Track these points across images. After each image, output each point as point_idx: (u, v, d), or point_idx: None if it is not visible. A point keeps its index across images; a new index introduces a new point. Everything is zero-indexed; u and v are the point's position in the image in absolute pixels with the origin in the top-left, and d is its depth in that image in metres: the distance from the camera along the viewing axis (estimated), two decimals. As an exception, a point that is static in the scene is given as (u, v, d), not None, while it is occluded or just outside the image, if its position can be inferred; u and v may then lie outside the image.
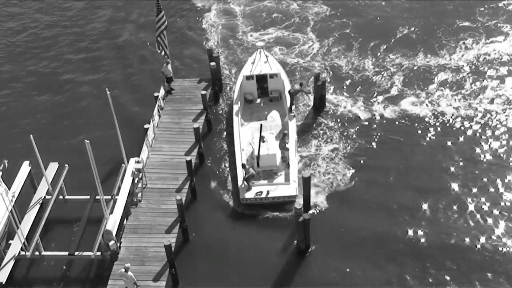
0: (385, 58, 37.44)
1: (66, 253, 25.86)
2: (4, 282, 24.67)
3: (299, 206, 25.60)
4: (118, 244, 25.67)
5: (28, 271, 26.52)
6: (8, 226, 26.17)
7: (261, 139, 30.08)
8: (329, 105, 33.96)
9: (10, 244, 25.82)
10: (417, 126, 32.33)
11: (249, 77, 33.26)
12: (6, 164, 27.83)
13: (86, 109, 35.41)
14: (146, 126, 30.60)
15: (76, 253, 25.70)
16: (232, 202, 28.74)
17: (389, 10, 42.12)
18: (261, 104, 33.76)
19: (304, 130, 32.40)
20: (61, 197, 28.51)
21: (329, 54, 38.14)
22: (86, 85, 37.42)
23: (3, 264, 25.23)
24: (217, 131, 33.00)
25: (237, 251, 26.65)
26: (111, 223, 25.15)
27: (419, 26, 40.15)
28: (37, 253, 25.78)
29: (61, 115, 35.15)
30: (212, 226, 27.90)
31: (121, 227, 26.50)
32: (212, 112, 33.71)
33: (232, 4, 44.16)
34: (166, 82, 34.19)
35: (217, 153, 31.64)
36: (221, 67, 36.35)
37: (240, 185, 28.50)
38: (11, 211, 25.36)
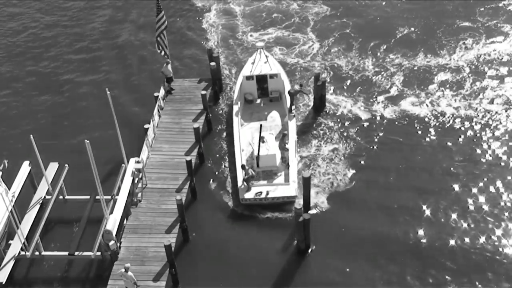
0: (385, 58, 37.43)
1: (66, 253, 25.86)
2: (4, 282, 24.67)
3: (299, 206, 25.60)
4: (118, 244, 25.67)
5: (28, 271, 26.51)
6: (8, 226, 26.16)
7: (261, 140, 30.07)
8: (329, 105, 33.95)
9: (10, 244, 25.83)
10: (417, 126, 32.34)
11: (249, 77, 33.24)
12: (6, 164, 27.83)
13: (86, 109, 35.40)
14: (146, 126, 30.60)
15: (76, 253, 25.70)
16: (232, 203, 28.75)
17: (389, 10, 42.12)
18: (261, 105, 33.74)
19: (304, 130, 32.39)
20: (61, 197, 28.51)
21: (329, 54, 38.13)
22: (86, 85, 37.41)
23: (3, 264, 25.23)
24: (217, 131, 33.00)
25: (237, 251, 26.65)
26: (111, 223, 25.15)
27: (419, 26, 40.14)
28: (37, 253, 25.77)
29: (61, 115, 35.15)
30: (212, 226, 27.89)
31: (121, 227, 26.50)
32: (212, 112, 33.70)
33: (232, 4, 44.15)
34: (166, 82, 34.19)
35: (217, 153, 31.64)
36: (221, 67, 36.35)
37: (240, 186, 28.50)
38: (11, 211, 25.36)
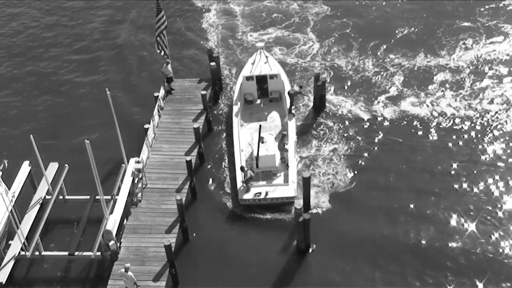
0: (385, 59, 37.43)
1: (66, 253, 25.85)
2: (4, 282, 24.66)
3: (299, 206, 25.61)
4: (118, 244, 25.66)
5: (28, 271, 26.50)
6: (8, 226, 26.15)
7: (260, 140, 30.05)
8: (329, 106, 33.94)
9: (10, 244, 25.82)
10: (418, 127, 32.31)
11: (249, 78, 33.22)
12: (6, 164, 27.82)
13: (86, 109, 35.38)
14: (146, 126, 30.60)
15: (76, 253, 25.70)
16: (231, 203, 28.72)
17: (389, 10, 42.12)
18: (261, 105, 33.72)
19: (304, 131, 32.38)
20: (61, 197, 28.49)
21: (329, 54, 38.12)
22: (86, 85, 37.40)
23: (3, 264, 25.22)
24: (217, 131, 33.00)
25: (237, 251, 26.64)
26: (111, 223, 25.14)
27: (419, 26, 40.15)
28: (37, 253, 25.76)
29: (61, 115, 35.15)
30: (212, 226, 27.89)
31: (121, 227, 26.49)
32: (212, 112, 33.69)
33: (232, 4, 44.16)
34: (166, 82, 34.18)
35: (217, 153, 31.63)
36: (221, 67, 36.33)
37: (239, 187, 28.48)
38: (11, 211, 25.35)
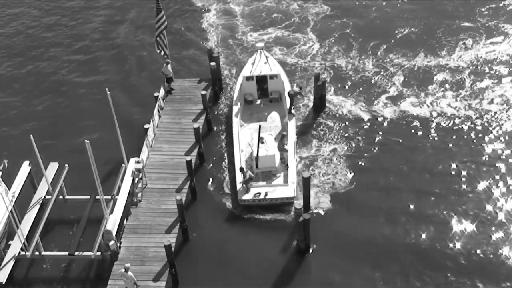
0: (385, 59, 37.42)
1: (66, 253, 25.85)
2: (4, 282, 24.66)
3: (299, 206, 25.61)
4: (118, 244, 25.66)
5: (28, 271, 26.50)
6: (8, 226, 26.15)
7: (260, 140, 30.03)
8: (329, 106, 33.94)
9: (10, 244, 25.82)
10: (418, 127, 32.29)
11: (249, 78, 33.22)
12: (6, 164, 27.82)
13: (86, 109, 35.37)
14: (146, 126, 30.60)
15: (76, 253, 25.70)
16: (231, 203, 28.70)
17: (389, 11, 42.12)
18: (261, 105, 33.72)
19: (304, 131, 32.37)
20: (61, 197, 28.49)
21: (329, 54, 38.12)
22: (86, 86, 37.39)
23: (3, 264, 25.23)
24: (217, 131, 33.00)
25: (237, 251, 26.64)
26: (111, 223, 25.14)
27: (419, 26, 40.15)
28: (37, 253, 25.76)
29: (61, 115, 35.14)
30: (212, 226, 27.89)
31: (121, 227, 26.49)
32: (212, 112, 33.69)
33: (232, 4, 44.16)
34: (166, 82, 34.18)
35: (217, 153, 31.62)
36: (221, 67, 36.32)
37: (239, 189, 28.47)
38: (11, 211, 25.35)
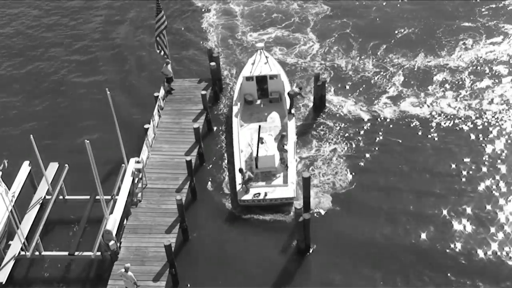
0: (385, 59, 37.42)
1: (66, 253, 25.85)
2: (4, 282, 24.67)
3: (299, 206, 25.61)
4: (118, 244, 25.67)
5: (28, 271, 26.50)
6: (8, 226, 26.16)
7: (260, 141, 30.02)
8: (329, 106, 33.93)
9: (10, 244, 25.81)
10: (418, 127, 32.26)
11: (249, 78, 33.21)
12: (6, 164, 27.81)
13: (86, 109, 35.36)
14: (146, 126, 30.60)
15: (76, 253, 25.70)
16: (231, 204, 28.70)
17: (389, 11, 42.12)
18: (261, 105, 33.71)
19: (304, 131, 32.37)
20: (61, 197, 28.49)
21: (329, 55, 38.12)
22: (86, 86, 37.40)
23: (3, 264, 25.23)
24: (217, 131, 33.00)
25: (237, 251, 26.64)
26: (111, 223, 25.15)
27: (419, 27, 40.14)
28: (37, 253, 25.76)
29: (61, 115, 35.14)
30: (212, 226, 27.89)
31: (121, 227, 26.50)
32: (212, 112, 33.69)
33: (232, 4, 44.16)
34: (166, 82, 34.19)
35: (217, 153, 31.62)
36: (221, 67, 36.30)
37: (239, 190, 28.46)
38: (11, 211, 25.35)
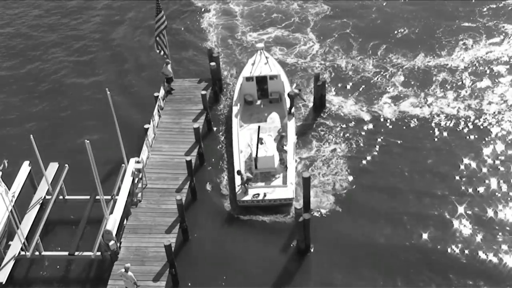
0: (385, 59, 37.41)
1: (66, 253, 25.86)
2: (4, 282, 24.68)
3: (299, 206, 25.61)
4: (118, 244, 25.67)
5: (28, 271, 26.50)
6: (8, 226, 26.16)
7: (259, 141, 30.01)
8: (329, 106, 33.92)
9: (10, 244, 25.81)
10: (418, 128, 32.23)
11: (249, 79, 33.20)
12: (6, 164, 27.82)
13: (86, 110, 35.36)
14: (146, 126, 30.61)
15: (76, 253, 25.71)
16: (231, 204, 28.67)
17: (389, 11, 42.11)
18: (261, 106, 33.70)
19: (304, 131, 32.36)
20: (61, 197, 28.50)
21: (329, 55, 38.11)
22: (86, 86, 37.40)
23: (3, 264, 25.24)
24: (217, 131, 32.99)
25: (237, 251, 26.64)
26: (111, 223, 25.15)
27: (419, 27, 40.14)
28: (37, 253, 25.77)
29: (61, 115, 35.13)
30: (212, 226, 27.89)
31: (121, 227, 26.50)
32: (212, 112, 33.69)
33: (232, 4, 44.16)
34: (166, 82, 34.19)
35: (217, 153, 31.62)
36: (221, 68, 36.28)
37: (238, 191, 28.44)
38: (11, 211, 25.36)
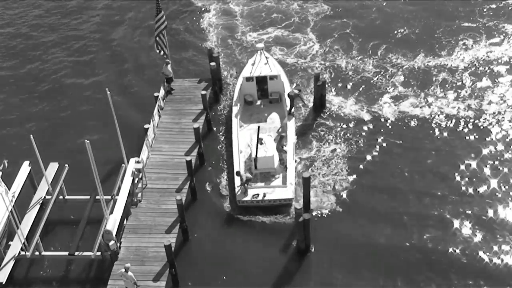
0: (385, 59, 37.40)
1: (66, 253, 25.87)
2: (4, 282, 24.68)
3: (299, 206, 25.61)
4: (118, 244, 25.67)
5: (28, 271, 26.51)
6: (8, 226, 26.16)
7: (259, 141, 30.00)
8: (329, 106, 33.92)
9: (10, 244, 25.81)
10: (418, 128, 32.21)
11: (249, 79, 33.20)
12: (6, 164, 27.82)
13: (86, 110, 35.36)
14: (146, 126, 30.61)
15: (76, 253, 25.71)
16: (231, 204, 28.67)
17: (389, 11, 42.10)
18: (261, 106, 33.70)
19: (304, 131, 32.35)
20: (61, 197, 28.50)
21: (329, 55, 38.10)
22: (86, 86, 37.40)
23: (3, 264, 25.25)
24: (217, 131, 32.99)
25: (237, 251, 26.64)
26: (111, 223, 25.16)
27: (419, 27, 40.14)
28: (37, 253, 25.77)
29: (61, 115, 35.13)
30: (212, 226, 27.89)
31: (121, 227, 26.50)
32: (212, 113, 33.69)
33: (232, 4, 44.15)
34: (166, 83, 34.19)
35: (217, 153, 31.62)
36: (221, 68, 36.27)
37: (237, 192, 28.44)
38: (11, 211, 25.36)
